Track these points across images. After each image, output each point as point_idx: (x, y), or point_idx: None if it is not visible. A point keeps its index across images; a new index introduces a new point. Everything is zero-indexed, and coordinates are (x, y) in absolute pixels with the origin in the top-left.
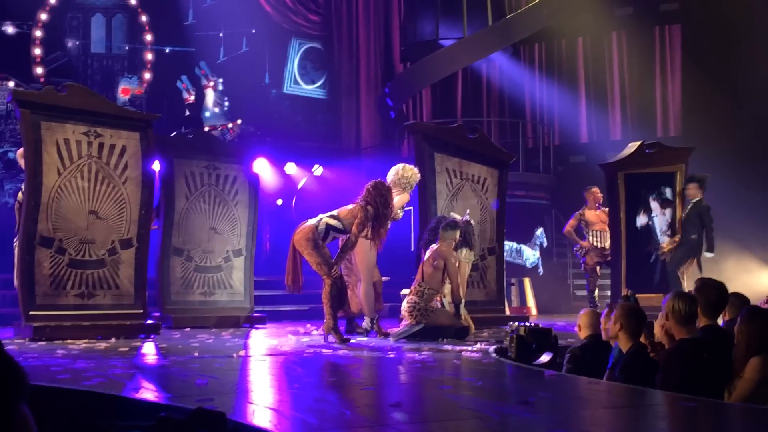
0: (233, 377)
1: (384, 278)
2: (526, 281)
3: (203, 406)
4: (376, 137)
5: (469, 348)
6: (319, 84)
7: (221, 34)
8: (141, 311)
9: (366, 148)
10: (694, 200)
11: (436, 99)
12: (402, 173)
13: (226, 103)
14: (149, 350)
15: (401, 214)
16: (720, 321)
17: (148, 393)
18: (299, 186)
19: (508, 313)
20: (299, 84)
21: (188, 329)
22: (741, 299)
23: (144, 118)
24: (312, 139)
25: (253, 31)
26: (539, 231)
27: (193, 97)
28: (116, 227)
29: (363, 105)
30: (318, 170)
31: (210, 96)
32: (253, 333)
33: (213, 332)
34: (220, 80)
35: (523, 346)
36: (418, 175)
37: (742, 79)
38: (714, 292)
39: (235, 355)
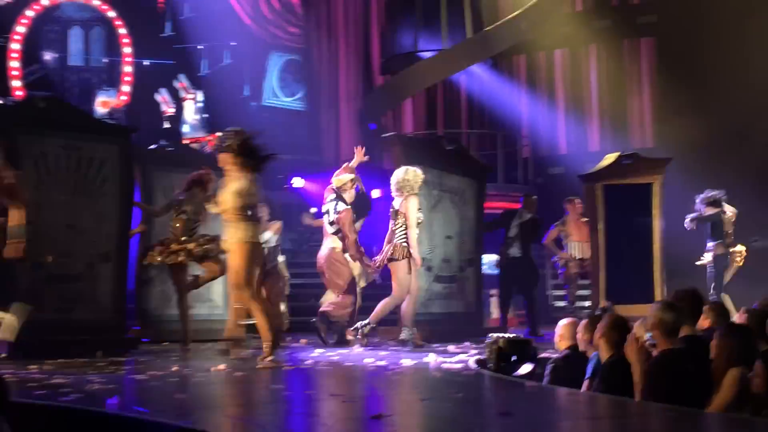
0: (212, 391)
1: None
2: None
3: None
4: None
5: (450, 359)
6: (298, 96)
7: (201, 47)
8: (119, 325)
9: (346, 161)
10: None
11: (417, 111)
12: (404, 176)
13: (205, 116)
14: (128, 365)
15: (422, 218)
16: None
17: (127, 409)
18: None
19: (488, 324)
20: (279, 96)
21: (167, 343)
22: (720, 308)
23: (123, 130)
24: (292, 151)
25: (233, 43)
26: None
27: (172, 110)
28: (95, 241)
29: (343, 117)
30: (297, 182)
31: (189, 109)
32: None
33: (192, 346)
34: (200, 93)
35: (503, 358)
36: (421, 177)
37: (714, 91)
38: (691, 300)
39: (213, 368)
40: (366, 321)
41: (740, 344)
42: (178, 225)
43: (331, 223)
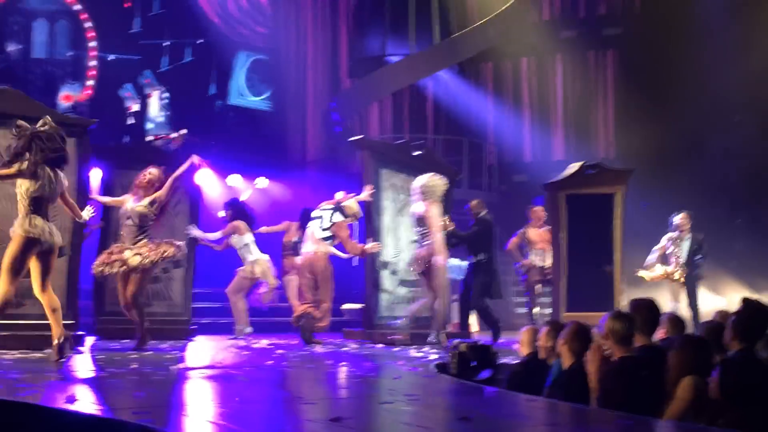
0: (171, 390)
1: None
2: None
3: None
4: (322, 151)
5: (411, 363)
6: (265, 96)
7: (167, 44)
8: (72, 321)
9: (312, 162)
10: (691, 233)
11: (383, 115)
12: (427, 182)
13: (171, 112)
14: (86, 362)
15: (449, 223)
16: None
17: (84, 405)
18: (242, 198)
19: (451, 329)
20: (245, 96)
21: (126, 341)
22: (678, 320)
23: (80, 123)
24: (257, 151)
25: (200, 41)
26: None
27: (136, 106)
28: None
29: (309, 118)
30: (262, 182)
31: (154, 105)
32: (192, 345)
33: (151, 344)
34: (165, 89)
35: (463, 363)
36: (443, 184)
37: (673, 103)
38: (647, 311)
39: (172, 367)
40: (435, 332)
41: (697, 356)
42: (122, 233)
43: (324, 230)
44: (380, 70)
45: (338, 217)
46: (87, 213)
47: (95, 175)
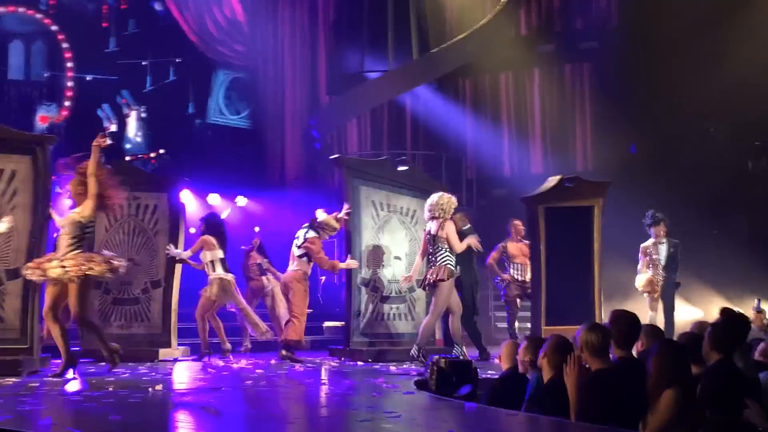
0: (149, 412)
1: (308, 310)
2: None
3: None
4: (302, 169)
5: (391, 381)
6: (244, 114)
7: (145, 63)
8: (27, 346)
9: (291, 180)
10: (666, 239)
11: (362, 131)
12: (438, 201)
13: (150, 131)
14: (62, 385)
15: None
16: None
17: (60, 430)
18: (222, 217)
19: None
20: (224, 114)
21: (103, 364)
22: (655, 330)
23: (36, 140)
24: (236, 169)
25: (178, 60)
26: None
27: (114, 126)
28: (1, 257)
29: (288, 136)
30: (241, 201)
31: (132, 125)
32: (173, 366)
33: (130, 366)
34: (143, 109)
35: (443, 378)
36: (454, 202)
37: (651, 114)
38: (626, 323)
39: (151, 389)
40: (416, 347)
41: (676, 361)
42: (57, 243)
43: (299, 247)
44: (359, 87)
45: (311, 234)
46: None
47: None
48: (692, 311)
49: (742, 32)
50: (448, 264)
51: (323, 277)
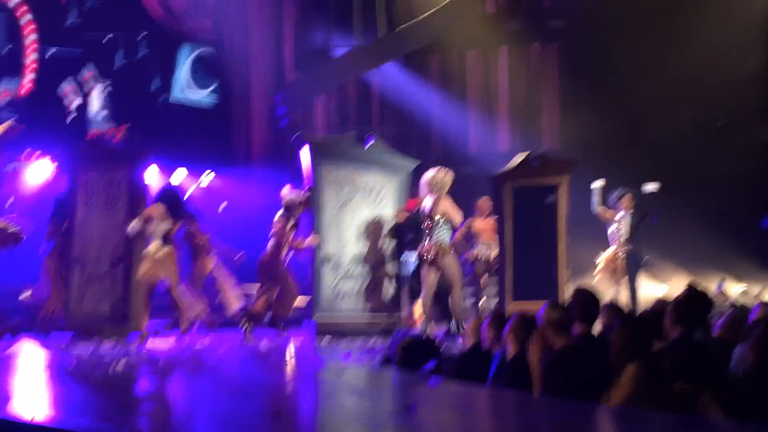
0: (114, 390)
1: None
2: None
3: None
4: (268, 145)
5: (356, 356)
6: (210, 90)
7: (108, 37)
8: None
9: (257, 157)
10: (631, 212)
11: (329, 108)
12: (434, 176)
13: (114, 107)
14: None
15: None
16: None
17: (19, 408)
18: (187, 194)
19: (402, 320)
20: (190, 90)
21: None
22: (616, 306)
23: None
24: (202, 146)
25: (143, 34)
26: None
27: (77, 102)
28: None
29: (254, 113)
30: (208, 178)
31: (95, 100)
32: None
33: (94, 342)
34: (107, 84)
35: (408, 354)
36: (449, 178)
37: (618, 93)
38: (586, 300)
39: (115, 366)
40: (455, 322)
41: (637, 337)
42: None
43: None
44: (325, 63)
45: (278, 214)
46: None
47: None
48: (657, 287)
49: (708, 13)
50: (443, 240)
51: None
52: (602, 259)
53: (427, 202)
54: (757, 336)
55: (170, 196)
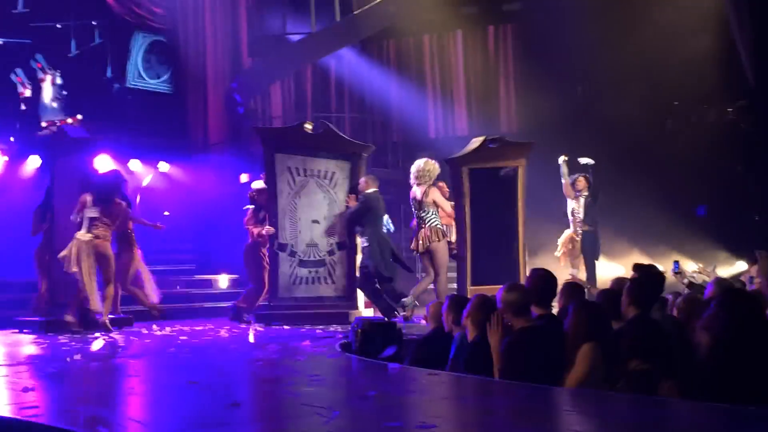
0: (68, 382)
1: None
2: None
3: None
4: (225, 133)
5: (316, 344)
6: (164, 78)
7: (59, 26)
8: None
9: (214, 144)
10: (586, 193)
11: (286, 94)
12: (423, 167)
13: (68, 97)
14: None
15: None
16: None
17: None
18: (144, 183)
19: (361, 308)
20: (143, 78)
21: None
22: (572, 287)
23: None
24: (157, 134)
25: (94, 23)
26: (384, 219)
27: (28, 92)
28: None
29: (210, 100)
30: (163, 167)
31: (47, 90)
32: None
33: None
34: (59, 73)
35: (367, 340)
36: (436, 167)
37: (573, 74)
38: (542, 281)
39: (70, 358)
40: (410, 298)
41: (592, 318)
42: None
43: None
44: (281, 49)
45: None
46: None
47: None
48: (613, 267)
49: None
50: (438, 226)
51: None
52: (560, 241)
53: (416, 191)
54: (710, 315)
55: (98, 184)
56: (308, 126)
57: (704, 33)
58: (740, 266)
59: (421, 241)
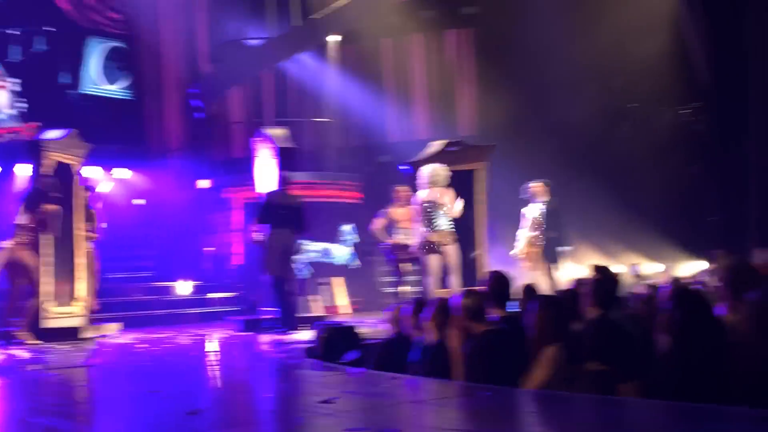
0: (26, 392)
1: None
2: (338, 280)
3: None
4: (184, 139)
5: (280, 349)
6: (122, 84)
7: (13, 32)
8: None
9: (173, 150)
10: (546, 200)
11: (245, 100)
12: (434, 172)
13: (25, 104)
14: None
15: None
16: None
17: None
18: (102, 190)
19: (321, 312)
20: (101, 84)
21: None
22: (531, 289)
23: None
24: (115, 141)
25: (50, 29)
26: (347, 227)
27: None
28: None
29: (169, 106)
30: (122, 173)
31: (3, 97)
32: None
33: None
34: (15, 80)
35: (329, 345)
36: (447, 171)
37: (532, 77)
38: (498, 283)
39: (28, 368)
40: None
41: (553, 319)
42: None
43: None
44: (240, 54)
45: None
46: None
47: None
48: (574, 269)
49: None
50: (451, 228)
51: None
52: (520, 248)
53: (427, 195)
54: (666, 315)
55: (28, 192)
56: None
57: (658, 34)
58: (697, 266)
59: (435, 242)
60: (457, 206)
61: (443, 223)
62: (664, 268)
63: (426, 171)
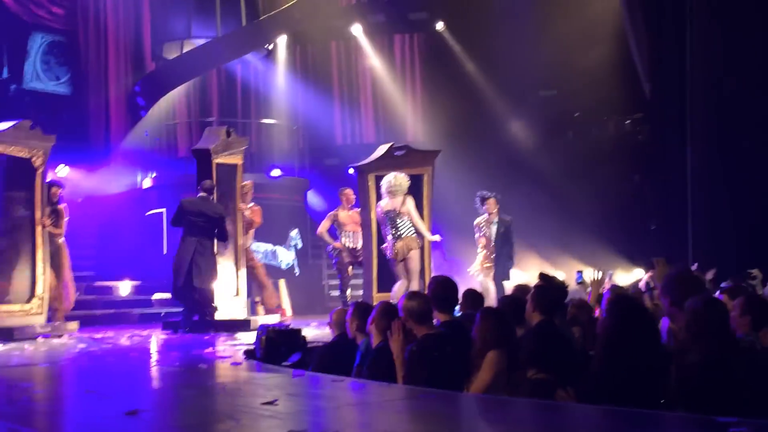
0: None
1: None
2: (281, 282)
3: None
4: (127, 136)
5: (221, 351)
6: (63, 80)
7: None
8: None
9: (116, 147)
10: (499, 216)
11: (191, 99)
12: (394, 181)
13: None
14: None
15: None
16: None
17: None
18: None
19: (262, 314)
20: (42, 80)
21: None
22: (474, 294)
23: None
24: (57, 137)
25: None
26: (294, 232)
27: None
28: None
29: (113, 103)
30: (62, 171)
31: None
32: None
33: None
34: None
35: (272, 347)
36: (407, 181)
37: (480, 82)
38: (442, 288)
39: None
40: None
41: (497, 326)
42: None
43: None
44: (186, 53)
45: None
46: None
47: None
48: (521, 276)
49: (562, 7)
50: (414, 234)
51: None
52: (476, 266)
53: (388, 204)
54: (600, 321)
55: None
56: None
57: (603, 45)
58: (637, 274)
59: (399, 250)
60: (416, 213)
61: (406, 230)
62: (609, 276)
63: (386, 180)
